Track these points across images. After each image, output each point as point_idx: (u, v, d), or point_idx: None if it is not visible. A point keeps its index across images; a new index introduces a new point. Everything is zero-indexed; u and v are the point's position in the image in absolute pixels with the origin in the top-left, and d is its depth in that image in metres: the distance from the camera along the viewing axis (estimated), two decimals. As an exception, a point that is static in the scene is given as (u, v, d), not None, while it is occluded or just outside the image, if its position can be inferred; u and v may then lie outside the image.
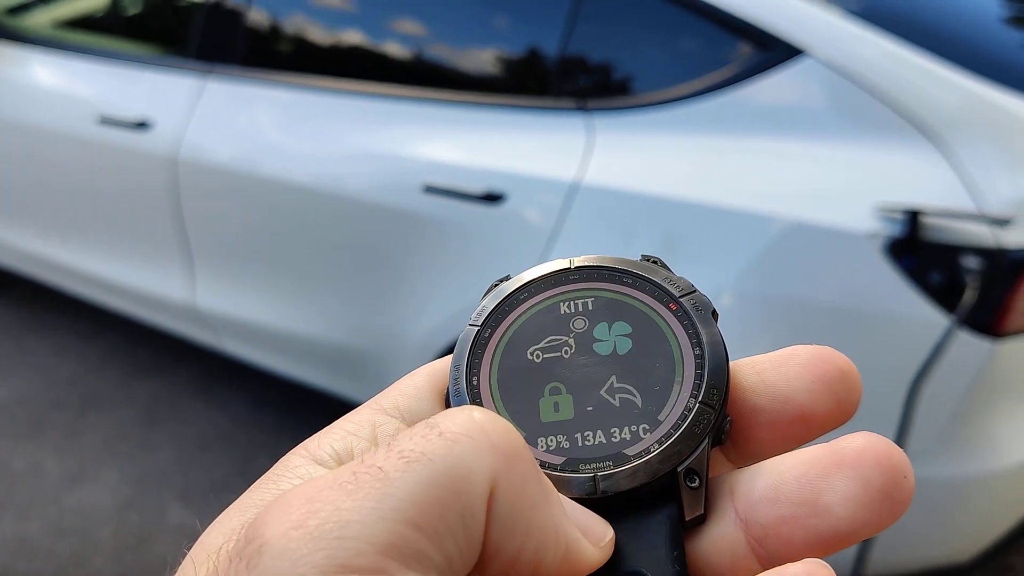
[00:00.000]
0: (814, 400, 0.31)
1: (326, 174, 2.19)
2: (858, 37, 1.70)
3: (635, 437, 0.31)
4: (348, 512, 0.24)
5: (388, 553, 0.24)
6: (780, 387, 0.31)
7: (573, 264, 0.36)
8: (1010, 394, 1.65)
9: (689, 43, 1.88)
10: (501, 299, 0.35)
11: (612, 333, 0.33)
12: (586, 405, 0.32)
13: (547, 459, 0.31)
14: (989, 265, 1.53)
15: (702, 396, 0.31)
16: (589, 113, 1.89)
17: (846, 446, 0.28)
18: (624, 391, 0.32)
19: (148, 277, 2.64)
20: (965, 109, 1.66)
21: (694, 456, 0.30)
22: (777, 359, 0.32)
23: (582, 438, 0.31)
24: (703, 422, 0.31)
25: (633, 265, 0.36)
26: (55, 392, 2.93)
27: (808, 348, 0.32)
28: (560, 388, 0.32)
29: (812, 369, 0.31)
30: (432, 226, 2.00)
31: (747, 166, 1.74)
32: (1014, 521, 1.78)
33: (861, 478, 0.28)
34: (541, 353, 0.33)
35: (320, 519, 0.24)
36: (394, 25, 2.30)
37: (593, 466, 0.30)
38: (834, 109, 1.71)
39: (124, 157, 2.52)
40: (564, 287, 0.35)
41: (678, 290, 0.34)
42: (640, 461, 0.30)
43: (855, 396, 0.31)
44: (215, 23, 2.46)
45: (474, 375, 0.33)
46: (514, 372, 0.33)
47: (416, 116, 2.11)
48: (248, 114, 2.38)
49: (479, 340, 0.34)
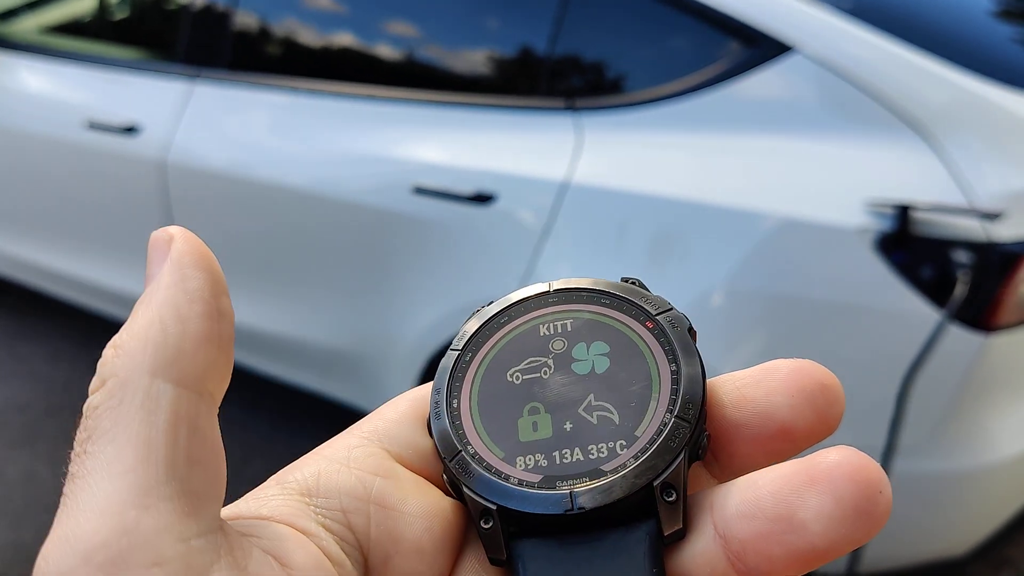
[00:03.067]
0: (795, 414, 0.30)
1: (315, 177, 2.18)
2: (847, 33, 1.70)
3: (612, 453, 0.31)
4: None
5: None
6: (760, 402, 0.31)
7: (552, 287, 0.36)
8: (1002, 388, 1.65)
9: (677, 41, 1.88)
10: (482, 323, 0.36)
11: (590, 352, 0.34)
12: (564, 424, 0.32)
13: (525, 477, 0.31)
14: (980, 259, 1.53)
15: (677, 411, 0.31)
16: (578, 112, 1.89)
17: (820, 461, 0.28)
18: (602, 408, 0.32)
19: (139, 282, 2.61)
20: (955, 104, 1.66)
21: (670, 470, 0.30)
22: (757, 374, 0.32)
23: (560, 456, 0.31)
24: (679, 436, 0.30)
25: (611, 286, 0.36)
26: (49, 399, 2.93)
27: (789, 362, 0.31)
28: (539, 408, 0.32)
29: (793, 383, 0.31)
30: (423, 227, 1.99)
31: (737, 163, 1.73)
32: (1009, 514, 1.78)
33: (834, 493, 0.27)
34: (520, 375, 0.34)
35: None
36: (382, 26, 2.30)
37: (570, 482, 0.30)
38: (824, 105, 1.71)
39: (113, 162, 2.51)
40: (543, 309, 0.36)
41: (654, 308, 0.34)
42: (616, 476, 0.30)
43: (837, 409, 0.31)
44: (202, 27, 2.46)
45: (454, 398, 0.34)
46: (494, 394, 0.33)
47: (405, 117, 2.10)
48: (236, 117, 2.38)
49: (459, 364, 0.35)
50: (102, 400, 0.27)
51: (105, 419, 0.26)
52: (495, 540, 0.30)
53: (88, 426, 0.27)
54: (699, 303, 1.67)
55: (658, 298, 0.35)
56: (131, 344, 0.27)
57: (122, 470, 0.25)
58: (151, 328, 0.27)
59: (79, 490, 0.26)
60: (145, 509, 0.25)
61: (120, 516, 0.24)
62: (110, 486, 0.25)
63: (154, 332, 0.27)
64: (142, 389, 0.26)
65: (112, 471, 0.25)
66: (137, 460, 0.25)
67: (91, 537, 0.24)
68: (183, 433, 0.26)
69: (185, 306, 0.28)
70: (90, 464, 0.26)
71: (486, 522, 0.30)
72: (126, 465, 0.25)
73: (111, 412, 0.26)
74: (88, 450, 0.26)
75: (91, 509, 0.25)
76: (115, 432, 0.26)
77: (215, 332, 0.29)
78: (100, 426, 0.26)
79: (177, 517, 0.25)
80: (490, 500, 0.31)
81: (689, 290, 1.69)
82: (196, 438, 0.27)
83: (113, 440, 0.26)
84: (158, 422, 0.26)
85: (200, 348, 0.28)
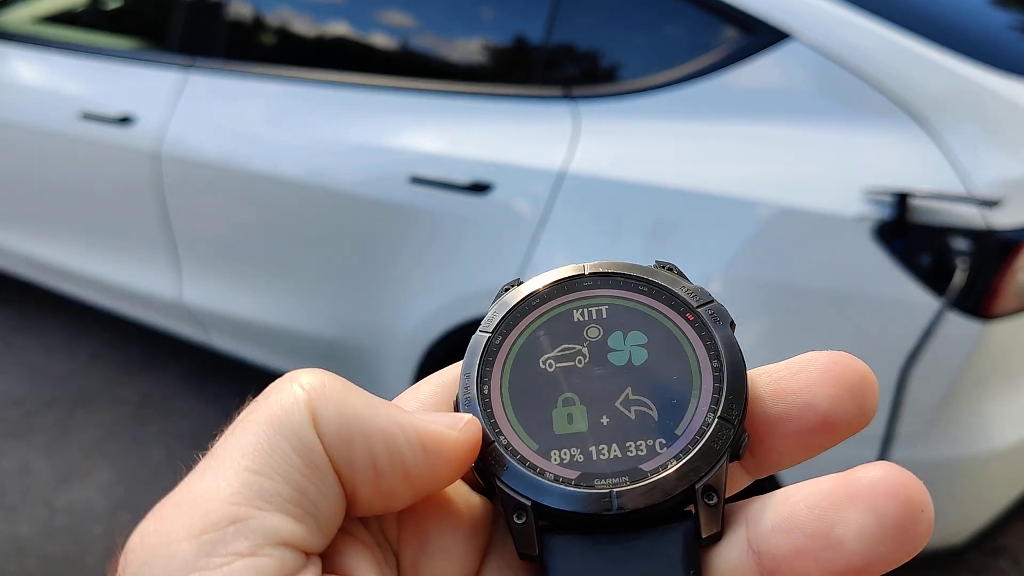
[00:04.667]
0: (836, 405, 0.30)
1: (311, 166, 2.17)
2: (844, 20, 1.69)
3: (651, 452, 0.30)
4: (198, 486, 0.27)
5: (235, 501, 0.27)
6: (801, 394, 0.31)
7: (586, 270, 0.35)
8: (1000, 375, 1.65)
9: (674, 28, 1.87)
10: (512, 305, 0.34)
11: (627, 343, 0.33)
12: (600, 417, 0.31)
13: (561, 473, 0.30)
14: (978, 247, 1.53)
15: (721, 411, 0.30)
16: (575, 101, 1.88)
17: (861, 476, 0.28)
18: (640, 403, 0.31)
19: (134, 273, 2.62)
20: (952, 91, 1.65)
21: (712, 472, 0.29)
22: (795, 366, 0.31)
23: (597, 451, 0.30)
24: (722, 438, 0.30)
25: (648, 272, 0.35)
26: (44, 391, 2.92)
27: (826, 354, 0.31)
28: (574, 399, 0.32)
29: (832, 374, 0.30)
30: (419, 217, 1.99)
31: (735, 151, 1.73)
32: (1006, 502, 1.78)
33: (875, 511, 0.27)
34: (554, 362, 0.33)
35: (175, 501, 0.27)
36: (377, 15, 2.28)
37: (609, 481, 0.30)
38: (821, 93, 1.70)
39: (107, 153, 2.50)
40: (577, 293, 0.34)
41: (695, 299, 0.34)
42: (657, 477, 0.29)
43: (874, 400, 0.30)
44: (196, 16, 2.44)
45: (485, 384, 0.33)
46: (526, 381, 0.32)
47: (401, 107, 2.09)
48: (231, 107, 2.37)
49: (490, 347, 0.33)
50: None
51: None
52: (527, 536, 0.30)
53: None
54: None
55: (698, 288, 0.34)
56: None
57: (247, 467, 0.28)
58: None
59: (207, 468, 0.28)
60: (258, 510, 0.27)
61: (234, 508, 0.27)
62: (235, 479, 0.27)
63: None
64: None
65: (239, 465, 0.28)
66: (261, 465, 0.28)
67: (204, 517, 0.26)
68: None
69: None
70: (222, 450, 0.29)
71: (519, 517, 0.30)
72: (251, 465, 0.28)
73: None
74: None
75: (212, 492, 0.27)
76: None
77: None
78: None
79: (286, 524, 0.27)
80: (525, 496, 0.30)
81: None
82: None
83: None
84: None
85: None
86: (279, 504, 0.27)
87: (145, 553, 0.26)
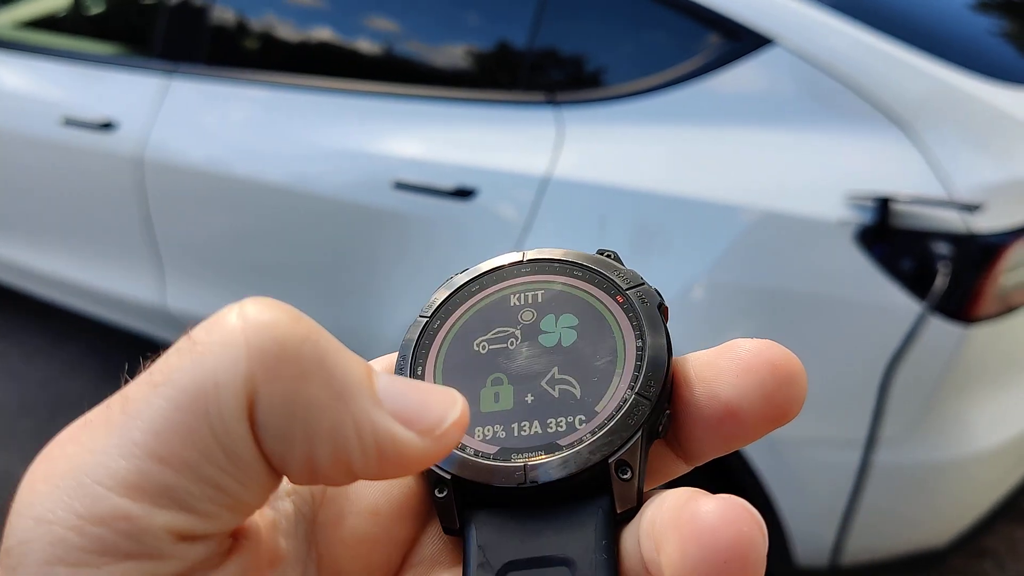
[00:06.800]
0: (740, 395, 0.29)
1: (294, 172, 2.16)
2: (826, 25, 1.70)
3: (570, 428, 0.30)
4: (91, 453, 0.23)
5: (131, 494, 0.22)
6: (711, 382, 0.30)
7: (525, 257, 0.36)
8: (983, 379, 1.66)
9: (657, 34, 1.87)
10: (452, 291, 0.36)
11: (558, 325, 0.33)
12: (525, 396, 0.31)
13: (482, 448, 0.31)
14: (960, 251, 1.53)
15: (639, 387, 0.30)
16: (559, 106, 1.88)
17: (694, 510, 0.25)
18: (564, 382, 0.32)
19: (117, 279, 2.60)
20: (933, 96, 1.66)
21: (626, 447, 0.29)
22: (715, 352, 0.31)
23: (519, 428, 0.31)
24: (637, 413, 0.30)
25: (585, 258, 0.36)
26: (25, 397, 2.89)
27: (749, 341, 0.30)
28: (502, 379, 0.32)
29: (744, 363, 0.29)
30: (403, 223, 1.98)
31: (718, 156, 1.73)
32: (989, 504, 1.79)
33: (699, 546, 0.24)
34: (487, 344, 0.33)
35: (66, 464, 0.23)
36: (361, 21, 2.28)
37: (525, 455, 0.30)
38: (803, 98, 1.71)
39: (89, 159, 2.49)
40: (516, 279, 0.35)
41: (626, 282, 0.34)
42: (571, 451, 0.30)
43: (791, 392, 0.29)
44: (178, 22, 2.43)
45: (419, 365, 0.33)
46: (459, 362, 0.33)
47: (384, 112, 2.09)
48: (214, 113, 2.36)
49: (427, 331, 0.35)
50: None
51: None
52: (448, 509, 0.30)
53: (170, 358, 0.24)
54: (681, 296, 1.67)
55: (630, 272, 0.34)
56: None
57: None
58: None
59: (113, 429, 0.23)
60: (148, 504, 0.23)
61: (125, 504, 0.22)
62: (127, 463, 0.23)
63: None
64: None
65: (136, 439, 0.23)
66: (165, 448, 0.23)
67: (92, 504, 0.22)
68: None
69: None
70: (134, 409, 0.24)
71: (440, 491, 0.30)
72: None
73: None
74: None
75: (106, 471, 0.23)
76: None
77: None
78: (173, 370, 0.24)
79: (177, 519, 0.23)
80: (444, 469, 0.30)
81: (671, 283, 1.69)
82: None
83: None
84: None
85: None
86: (184, 502, 0.23)
87: (27, 529, 0.22)
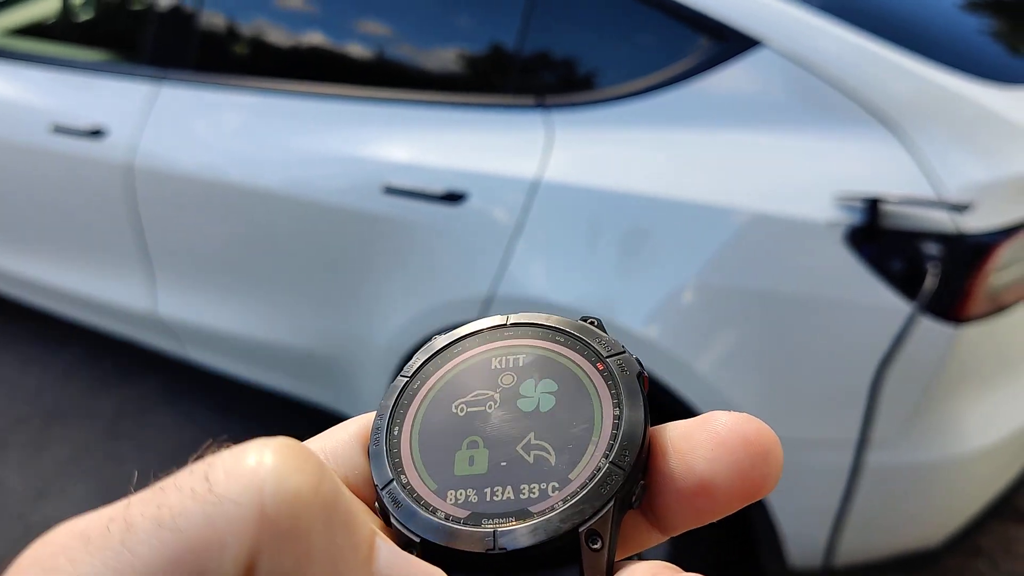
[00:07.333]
0: (713, 470, 0.29)
1: (284, 178, 2.16)
2: (814, 27, 1.70)
3: (543, 495, 0.30)
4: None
5: None
6: (686, 454, 0.30)
7: (509, 320, 0.36)
8: (973, 378, 1.66)
9: (646, 37, 1.87)
10: (434, 352, 0.35)
11: (538, 390, 0.33)
12: (500, 460, 0.31)
13: (453, 512, 0.30)
14: (949, 251, 1.54)
15: (613, 456, 0.30)
16: (548, 110, 1.88)
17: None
18: (540, 448, 0.31)
19: (108, 287, 2.60)
20: (922, 96, 1.66)
21: (597, 517, 0.29)
22: (693, 424, 0.30)
23: (491, 493, 0.30)
24: (610, 483, 0.30)
25: (567, 324, 0.35)
26: (18, 406, 2.88)
27: (726, 415, 0.30)
28: (478, 442, 0.32)
29: (719, 437, 0.29)
30: (394, 227, 1.98)
31: (707, 158, 1.73)
32: (981, 504, 1.79)
33: None
34: (466, 406, 0.33)
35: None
36: (350, 25, 2.28)
37: (495, 521, 0.30)
38: (792, 99, 1.71)
39: (79, 166, 2.48)
40: (498, 343, 0.35)
41: (607, 350, 0.34)
42: (542, 519, 0.29)
43: (764, 468, 0.28)
44: (168, 28, 2.43)
45: (396, 425, 0.33)
46: (437, 424, 0.33)
47: (374, 117, 2.09)
48: (203, 119, 2.35)
49: (407, 391, 0.34)
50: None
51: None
52: None
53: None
54: (671, 299, 1.67)
55: (612, 340, 0.34)
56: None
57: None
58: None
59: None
60: None
61: None
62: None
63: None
64: None
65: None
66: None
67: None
68: None
69: None
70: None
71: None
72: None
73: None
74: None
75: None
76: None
77: None
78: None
79: None
80: (414, 532, 0.30)
81: (661, 286, 1.68)
82: None
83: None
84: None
85: None
86: None
87: None
